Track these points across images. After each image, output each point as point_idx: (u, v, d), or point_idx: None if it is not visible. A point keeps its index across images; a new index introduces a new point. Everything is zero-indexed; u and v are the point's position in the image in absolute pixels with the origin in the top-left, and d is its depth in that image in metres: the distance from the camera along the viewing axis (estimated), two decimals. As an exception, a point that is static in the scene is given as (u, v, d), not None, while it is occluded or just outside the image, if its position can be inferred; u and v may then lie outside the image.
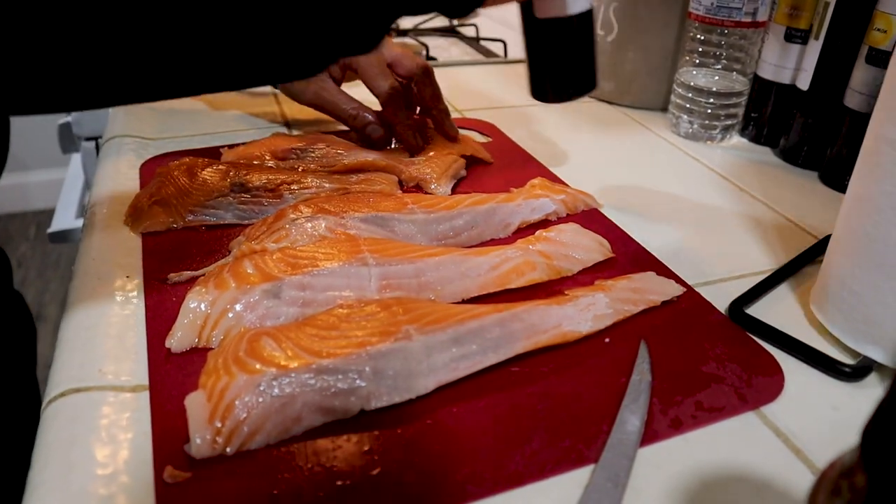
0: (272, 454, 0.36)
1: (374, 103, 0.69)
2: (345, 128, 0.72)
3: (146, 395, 0.40)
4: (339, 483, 0.35)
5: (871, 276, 0.44)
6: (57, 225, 0.87)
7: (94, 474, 0.35)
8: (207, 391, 0.37)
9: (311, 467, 0.36)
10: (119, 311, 0.46)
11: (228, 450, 0.36)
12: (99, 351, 0.43)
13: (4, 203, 2.50)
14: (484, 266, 0.49)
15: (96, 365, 0.42)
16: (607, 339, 0.45)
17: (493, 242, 0.56)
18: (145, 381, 0.41)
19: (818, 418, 0.42)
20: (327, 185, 0.59)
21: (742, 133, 0.82)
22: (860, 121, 0.66)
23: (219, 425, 0.36)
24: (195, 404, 0.37)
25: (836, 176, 0.71)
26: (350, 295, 0.45)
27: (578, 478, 0.36)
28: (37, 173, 2.48)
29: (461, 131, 0.76)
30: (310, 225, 0.50)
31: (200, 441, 0.35)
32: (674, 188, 0.69)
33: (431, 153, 0.67)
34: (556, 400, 0.40)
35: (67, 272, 2.25)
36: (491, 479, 0.36)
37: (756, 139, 0.81)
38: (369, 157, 0.64)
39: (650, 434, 0.39)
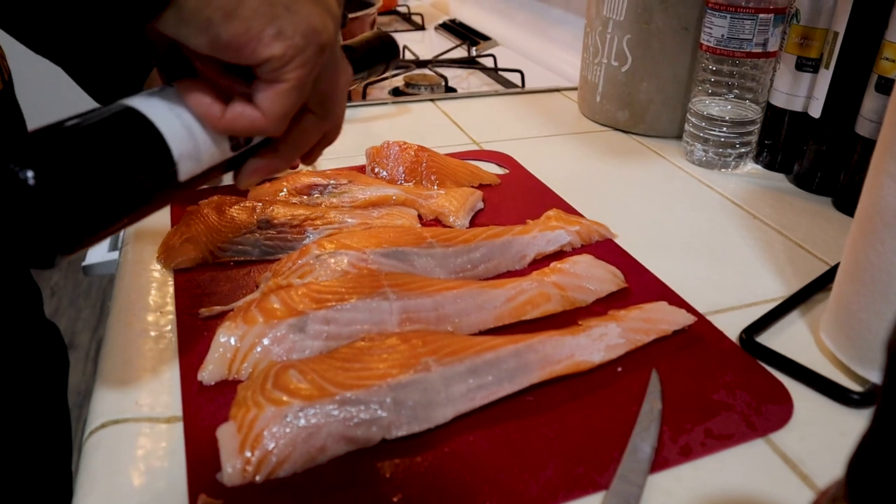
0: (298, 482, 0.38)
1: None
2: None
3: (180, 426, 0.42)
4: (362, 510, 0.37)
5: (877, 305, 0.46)
6: (90, 258, 0.90)
7: (134, 502, 0.37)
8: (238, 422, 0.39)
9: (335, 494, 0.38)
10: (153, 345, 0.49)
11: (258, 478, 0.38)
12: (135, 384, 0.46)
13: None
14: (500, 298, 0.51)
15: (133, 397, 0.44)
16: (619, 369, 0.47)
17: (510, 274, 0.57)
18: (179, 412, 0.43)
19: (827, 445, 0.43)
20: (349, 220, 0.61)
21: (756, 160, 0.84)
22: (872, 148, 0.67)
23: (249, 455, 0.38)
24: (226, 435, 0.39)
25: (850, 202, 0.72)
26: (372, 328, 0.47)
27: (591, 504, 0.38)
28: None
29: (478, 164, 0.78)
30: (333, 261, 0.53)
31: (232, 470, 0.38)
32: (688, 216, 0.70)
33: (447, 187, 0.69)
34: (570, 428, 0.42)
35: (99, 301, 2.30)
36: (506, 505, 0.37)
37: (770, 166, 0.82)
38: (389, 192, 0.66)
39: (660, 461, 0.40)
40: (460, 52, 1.38)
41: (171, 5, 0.33)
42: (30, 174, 0.31)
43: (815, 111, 0.74)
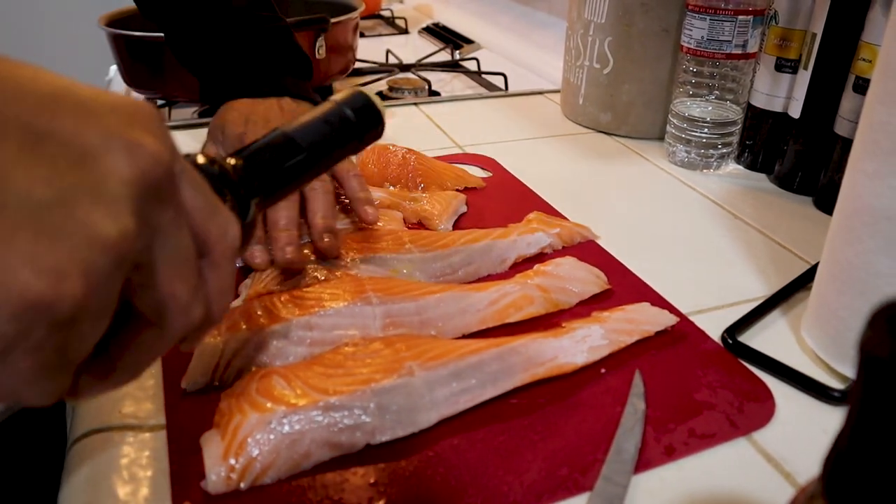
0: (283, 488, 0.38)
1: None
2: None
3: (164, 434, 0.42)
4: (346, 515, 0.37)
5: (856, 302, 0.46)
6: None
7: (116, 511, 0.37)
8: (221, 430, 0.39)
9: (320, 500, 0.38)
10: (137, 353, 0.49)
11: (242, 485, 0.38)
12: (119, 392, 0.45)
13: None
14: (483, 302, 0.51)
15: (116, 406, 0.44)
16: (603, 370, 0.47)
17: (492, 277, 0.58)
18: (163, 420, 0.43)
19: (809, 442, 0.43)
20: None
21: (738, 160, 0.84)
22: (850, 147, 0.68)
23: (233, 462, 0.38)
24: (210, 442, 0.39)
25: (830, 201, 0.72)
26: (355, 333, 0.47)
27: (575, 505, 0.38)
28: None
29: (462, 167, 0.78)
30: (311, 266, 0.53)
31: (216, 477, 0.38)
32: (670, 217, 0.71)
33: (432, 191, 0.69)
34: (553, 430, 0.42)
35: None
36: (491, 508, 0.37)
37: (751, 166, 0.83)
38: (374, 195, 0.66)
39: (644, 461, 0.40)
40: (444, 56, 1.38)
41: None
42: None
43: (795, 111, 0.75)
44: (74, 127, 0.24)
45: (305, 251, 0.55)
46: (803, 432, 0.44)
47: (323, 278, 0.52)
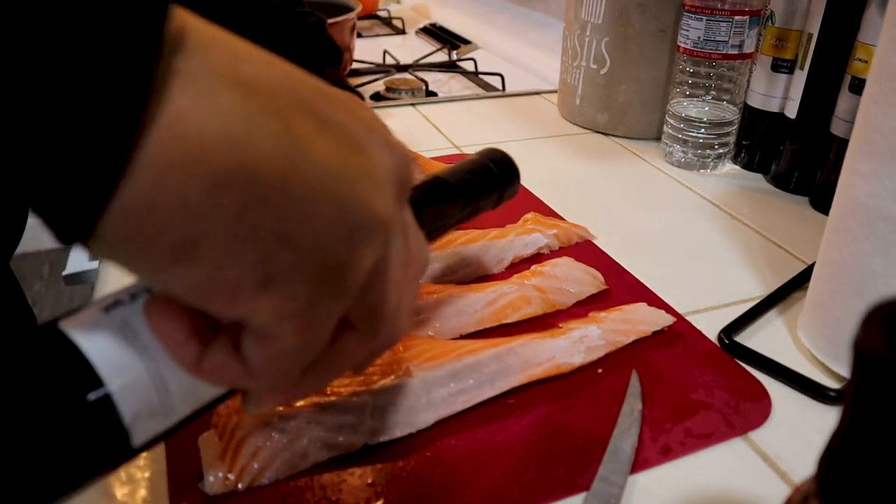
0: (281, 489, 0.38)
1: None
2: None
3: (161, 435, 0.42)
4: (344, 516, 0.37)
5: (852, 302, 0.46)
6: (72, 267, 0.89)
7: (114, 513, 0.37)
8: (219, 430, 0.39)
9: (317, 501, 0.38)
10: (134, 354, 0.49)
11: (240, 486, 0.38)
12: (116, 394, 0.45)
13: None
14: (480, 302, 0.51)
15: (114, 407, 0.44)
16: (600, 370, 0.47)
17: (489, 278, 0.58)
18: (160, 421, 0.43)
19: (805, 442, 0.43)
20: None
21: (735, 160, 0.84)
22: (846, 147, 0.68)
23: (230, 463, 0.38)
24: (208, 443, 0.39)
25: (826, 201, 0.72)
26: (353, 334, 0.47)
27: (572, 505, 0.38)
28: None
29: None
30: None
31: (213, 478, 0.38)
32: (667, 217, 0.71)
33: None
34: (551, 430, 0.42)
35: (81, 309, 2.28)
36: (488, 508, 0.37)
37: (748, 166, 0.83)
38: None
39: (641, 461, 0.41)
40: (441, 56, 1.39)
41: (94, 236, 0.20)
42: None
43: (791, 112, 0.75)
44: (345, 118, 0.25)
45: None
46: (799, 432, 0.44)
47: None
